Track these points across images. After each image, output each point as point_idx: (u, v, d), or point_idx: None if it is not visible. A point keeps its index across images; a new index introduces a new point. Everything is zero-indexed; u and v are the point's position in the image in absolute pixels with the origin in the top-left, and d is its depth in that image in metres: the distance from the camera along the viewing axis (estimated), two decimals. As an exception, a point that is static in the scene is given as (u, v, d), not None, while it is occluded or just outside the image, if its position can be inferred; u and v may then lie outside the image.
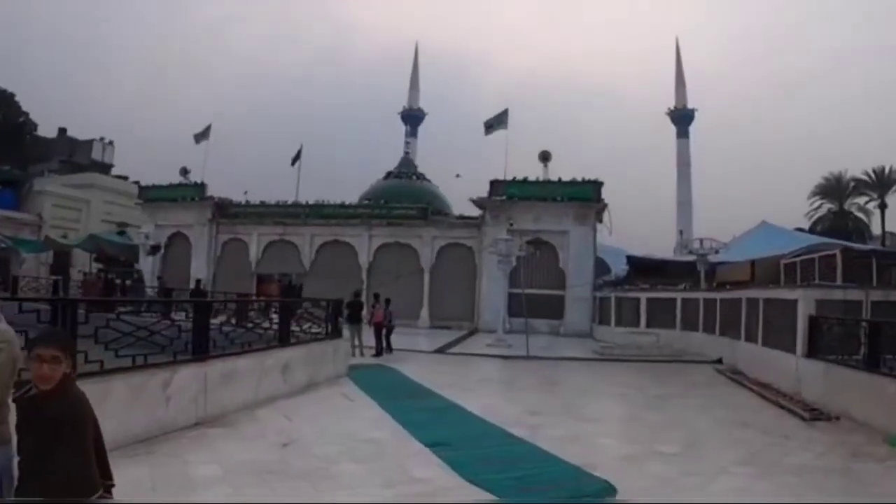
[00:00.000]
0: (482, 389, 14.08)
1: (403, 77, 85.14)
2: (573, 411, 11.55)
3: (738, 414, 11.79)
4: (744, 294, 18.28)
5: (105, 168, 60.25)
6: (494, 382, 15.76)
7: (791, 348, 13.87)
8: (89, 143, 62.45)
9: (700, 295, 23.46)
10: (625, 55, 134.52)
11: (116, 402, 7.72)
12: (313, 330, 14.35)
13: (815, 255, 18.40)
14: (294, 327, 13.63)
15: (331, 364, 14.52)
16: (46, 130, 61.88)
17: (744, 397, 13.92)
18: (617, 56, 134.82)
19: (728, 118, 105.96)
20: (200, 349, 9.98)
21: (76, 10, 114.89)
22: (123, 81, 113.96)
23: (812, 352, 13.11)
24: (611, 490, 6.85)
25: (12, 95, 56.41)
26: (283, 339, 12.74)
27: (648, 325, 25.10)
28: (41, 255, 43.98)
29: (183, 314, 15.29)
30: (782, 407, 12.28)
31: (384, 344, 19.92)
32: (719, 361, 19.60)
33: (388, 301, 20.77)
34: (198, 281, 30.06)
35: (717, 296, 21.41)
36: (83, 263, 40.76)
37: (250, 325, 12.50)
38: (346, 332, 16.84)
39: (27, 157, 56.19)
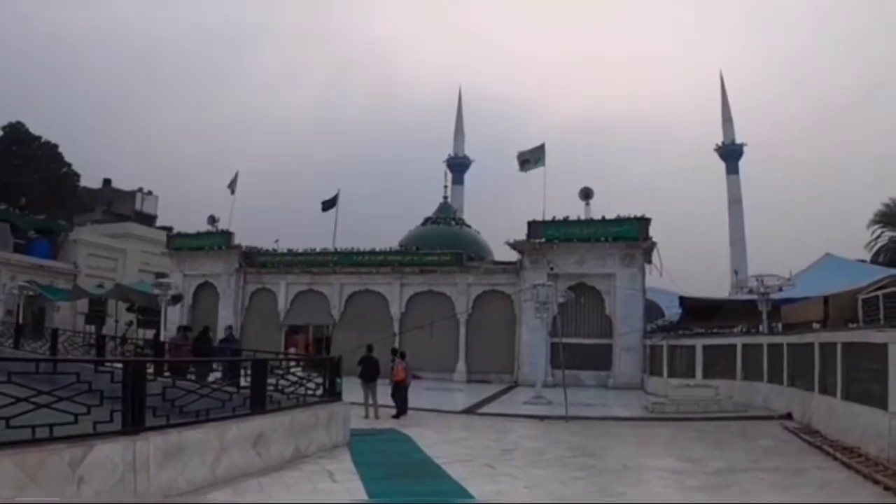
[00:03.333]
0: (503, 465, 11.61)
1: (450, 125, 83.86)
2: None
3: (825, 499, 9.17)
4: (817, 338, 15.66)
5: (149, 219, 60.39)
6: (521, 454, 13.23)
7: (881, 403, 11.30)
8: (132, 194, 62.90)
9: (764, 340, 20.82)
10: (669, 90, 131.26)
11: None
12: (302, 392, 12.21)
13: (902, 287, 15.65)
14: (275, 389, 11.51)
15: (324, 432, 12.29)
16: (92, 181, 62.65)
17: (826, 469, 11.17)
18: (662, 91, 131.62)
19: (775, 148, 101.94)
20: (132, 419, 7.94)
21: (126, 64, 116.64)
22: (174, 136, 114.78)
23: (910, 408, 10.48)
24: None
25: (55, 147, 56.86)
26: (257, 404, 10.58)
27: (705, 375, 22.59)
28: (76, 303, 44.09)
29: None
30: (877, 482, 9.63)
31: (401, 403, 17.77)
32: (788, 417, 17.02)
33: (403, 354, 18.66)
34: (156, 334, 28.00)
35: (784, 340, 18.72)
36: (119, 313, 40.74)
37: (215, 386, 10.35)
38: (350, 392, 14.65)
39: (72, 208, 56.84)
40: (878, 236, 44.11)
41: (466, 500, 6.43)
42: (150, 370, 8.98)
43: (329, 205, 38.80)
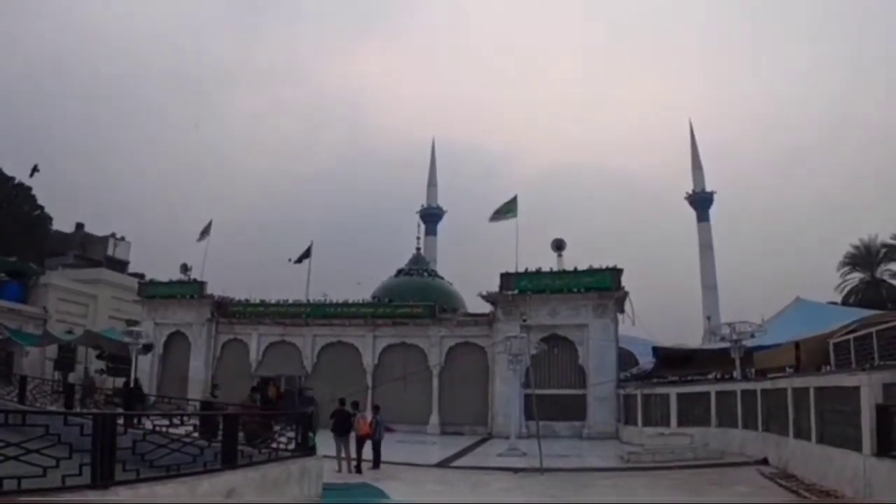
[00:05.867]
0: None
1: (423, 175, 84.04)
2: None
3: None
4: (790, 383, 15.74)
5: (121, 265, 59.47)
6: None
7: (855, 445, 11.36)
8: (104, 239, 62.19)
9: (737, 386, 20.86)
10: (641, 138, 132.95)
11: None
12: (274, 446, 11.98)
13: (872, 330, 15.74)
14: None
15: (297, 487, 12.00)
16: (65, 225, 62.09)
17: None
18: (633, 140, 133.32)
19: (744, 191, 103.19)
20: (102, 473, 7.70)
21: (102, 107, 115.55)
22: (148, 182, 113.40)
23: (884, 449, 10.58)
24: None
25: (29, 189, 56.27)
26: (228, 459, 10.34)
27: (680, 423, 22.51)
28: (45, 349, 42.89)
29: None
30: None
31: (374, 456, 17.49)
32: (764, 462, 16.92)
33: (376, 408, 18.46)
34: (125, 382, 27.86)
35: (758, 386, 18.77)
36: (89, 360, 39.65)
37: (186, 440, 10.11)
38: (323, 445, 14.39)
39: (44, 251, 55.90)
40: (848, 278, 45.03)
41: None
42: (121, 423, 8.75)
43: (302, 257, 38.62)
